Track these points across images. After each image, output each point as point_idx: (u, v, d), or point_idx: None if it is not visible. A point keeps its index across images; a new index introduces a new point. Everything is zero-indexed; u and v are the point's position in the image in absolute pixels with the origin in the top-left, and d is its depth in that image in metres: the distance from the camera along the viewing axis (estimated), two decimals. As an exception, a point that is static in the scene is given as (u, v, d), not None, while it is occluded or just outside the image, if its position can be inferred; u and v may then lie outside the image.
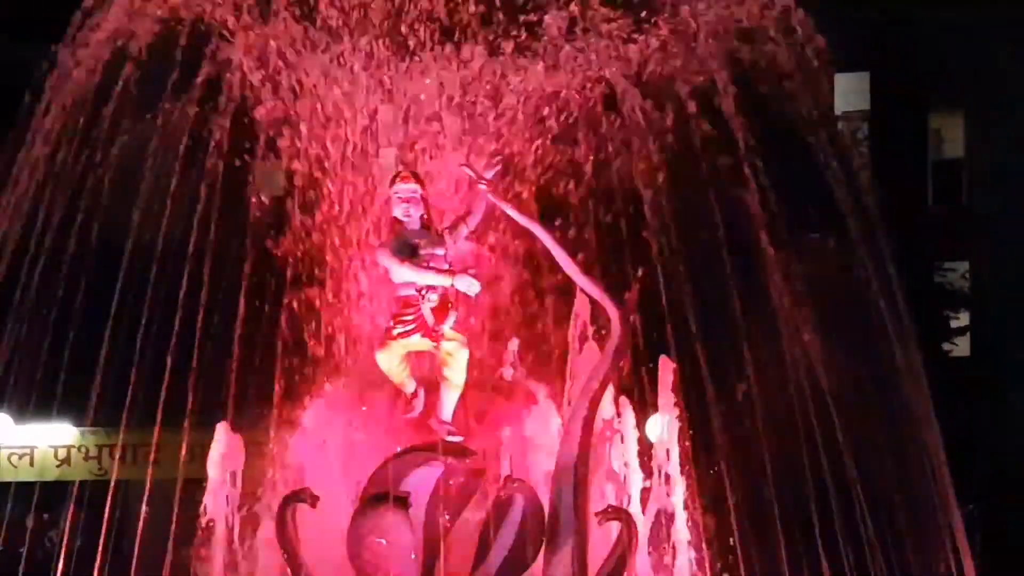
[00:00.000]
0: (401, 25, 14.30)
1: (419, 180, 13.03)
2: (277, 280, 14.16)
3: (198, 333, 14.12)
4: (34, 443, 27.80)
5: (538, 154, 14.41)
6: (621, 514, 12.65)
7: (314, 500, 12.36)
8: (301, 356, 13.86)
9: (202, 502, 12.87)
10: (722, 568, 13.83)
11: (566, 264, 13.10)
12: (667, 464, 13.34)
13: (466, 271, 12.60)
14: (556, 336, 13.77)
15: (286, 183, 14.70)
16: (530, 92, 14.35)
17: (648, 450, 13.45)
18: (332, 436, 13.12)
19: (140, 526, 14.06)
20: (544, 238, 13.19)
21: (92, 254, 14.94)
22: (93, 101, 14.45)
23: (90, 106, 14.46)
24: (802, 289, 14.58)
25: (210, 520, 12.77)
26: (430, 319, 12.51)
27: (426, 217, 12.95)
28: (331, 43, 14.32)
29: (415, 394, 12.84)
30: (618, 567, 12.41)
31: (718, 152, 14.42)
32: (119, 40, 14.28)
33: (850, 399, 14.68)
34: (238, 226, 14.64)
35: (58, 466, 27.98)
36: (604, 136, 14.42)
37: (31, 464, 28.02)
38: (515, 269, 14.08)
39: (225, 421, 13.11)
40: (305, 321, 14.00)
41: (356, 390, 13.36)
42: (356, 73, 14.27)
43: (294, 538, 12.36)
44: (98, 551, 14.26)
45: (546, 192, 14.35)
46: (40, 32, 14.76)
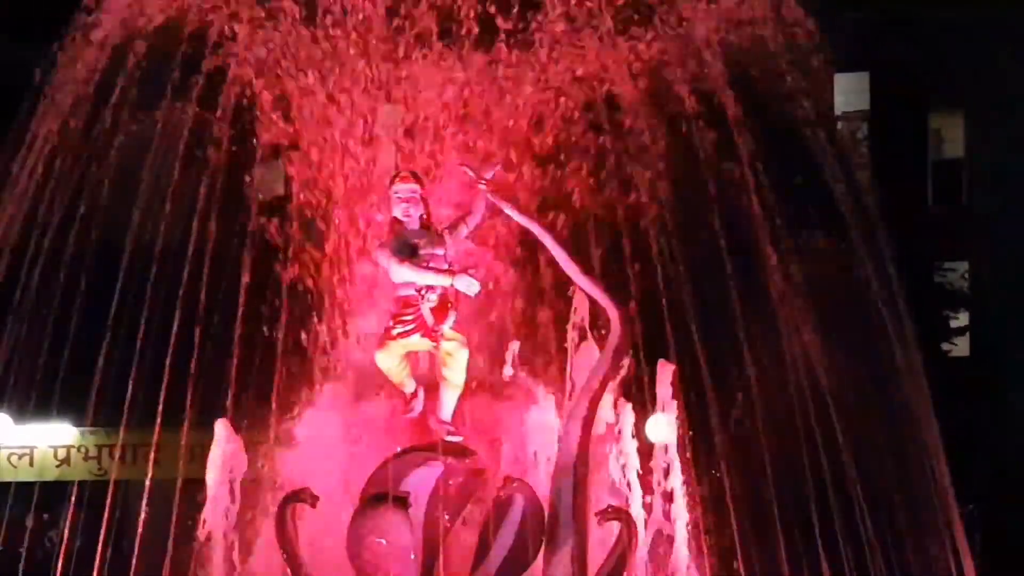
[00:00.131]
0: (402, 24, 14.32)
1: (419, 180, 13.05)
2: (277, 280, 14.16)
3: (198, 333, 14.12)
4: (34, 443, 27.76)
5: (537, 154, 14.41)
6: (621, 514, 12.66)
7: (314, 500, 12.36)
8: (300, 356, 13.86)
9: (201, 514, 12.85)
10: (722, 568, 13.83)
11: (565, 263, 13.11)
12: (667, 464, 13.35)
13: (466, 271, 12.60)
14: (556, 336, 13.77)
15: (286, 183, 14.71)
16: (529, 92, 14.35)
17: (648, 450, 13.45)
18: (331, 436, 13.13)
19: (140, 526, 14.06)
20: (544, 238, 13.20)
21: (92, 254, 14.94)
22: (93, 101, 14.45)
23: (90, 106, 14.47)
24: (802, 289, 14.57)
25: (209, 533, 12.75)
26: (430, 319, 12.52)
27: (426, 217, 12.96)
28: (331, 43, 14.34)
29: (415, 394, 12.84)
30: (618, 567, 12.42)
31: (718, 152, 14.41)
32: (119, 40, 14.28)
33: (850, 399, 14.68)
34: (238, 226, 14.64)
35: (58, 466, 27.94)
36: (603, 137, 14.41)
37: (31, 464, 27.98)
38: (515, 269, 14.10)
39: (225, 418, 13.10)
40: (305, 320, 14.00)
41: (354, 390, 13.37)
42: (356, 72, 14.29)
43: (294, 538, 12.36)
44: (98, 551, 14.25)
45: (545, 192, 14.34)
46: (40, 32, 14.76)
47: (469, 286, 12.55)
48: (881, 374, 15.14)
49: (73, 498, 16.56)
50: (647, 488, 13.31)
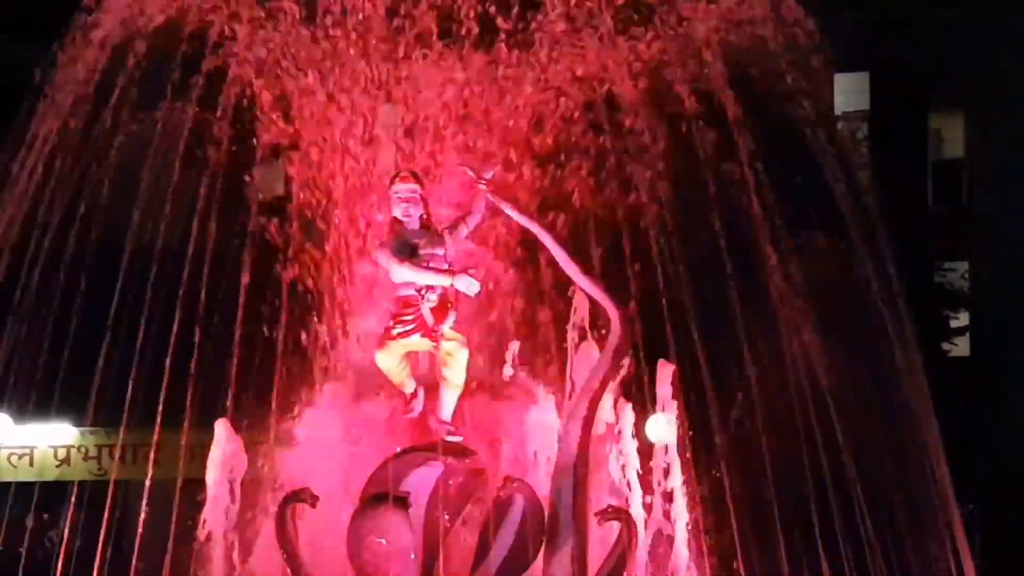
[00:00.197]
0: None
1: (418, 180, 13.04)
2: (277, 280, 14.16)
3: (198, 333, 14.12)
4: (34, 443, 27.76)
5: (537, 154, 14.41)
6: (621, 514, 12.66)
7: (314, 500, 12.36)
8: (300, 356, 13.86)
9: (201, 515, 12.84)
10: (722, 568, 13.83)
11: (565, 263, 13.10)
12: (667, 464, 13.35)
13: (466, 271, 12.60)
14: (556, 336, 13.77)
15: (286, 183, 14.71)
16: (528, 92, 14.35)
17: (648, 450, 13.45)
18: (331, 436, 13.12)
19: (140, 526, 14.06)
20: (543, 238, 13.20)
21: (92, 254, 14.94)
22: (93, 101, 14.45)
23: (90, 106, 14.47)
24: (802, 289, 14.57)
25: (209, 534, 12.74)
26: (429, 319, 12.51)
27: (426, 217, 12.96)
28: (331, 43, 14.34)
29: (415, 394, 12.84)
30: (618, 567, 12.42)
31: (718, 152, 14.41)
32: (119, 40, 14.27)
33: (850, 399, 14.67)
34: (238, 226, 14.64)
35: (58, 466, 27.93)
36: (603, 137, 14.41)
37: (31, 464, 27.97)
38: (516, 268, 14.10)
39: (224, 418, 13.10)
40: (305, 320, 13.99)
41: (354, 390, 13.37)
42: (356, 72, 14.30)
43: (294, 538, 12.35)
44: (98, 551, 14.25)
45: (545, 192, 14.34)
46: (40, 32, 14.75)
47: (469, 286, 12.54)
48: (881, 374, 15.14)
49: (73, 498, 16.56)
50: (647, 488, 13.31)
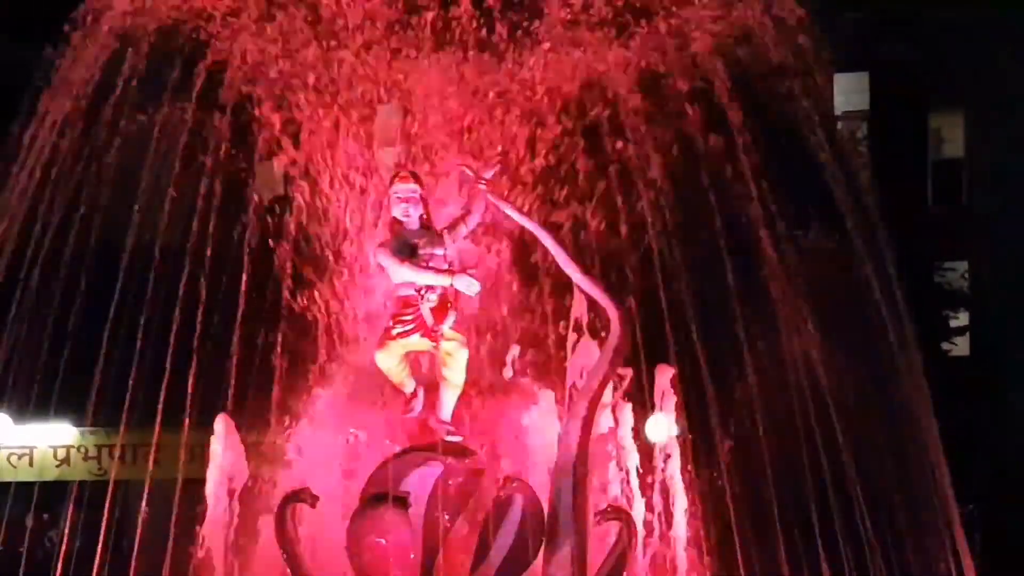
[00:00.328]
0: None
1: (418, 180, 13.04)
2: (277, 279, 14.16)
3: (198, 333, 14.12)
4: (34, 443, 27.77)
5: (537, 154, 14.41)
6: (621, 514, 12.66)
7: (314, 500, 12.36)
8: (301, 356, 13.86)
9: (200, 530, 12.83)
10: (722, 568, 13.83)
11: (565, 264, 13.10)
12: (667, 465, 13.36)
13: (465, 271, 12.60)
14: (556, 336, 13.77)
15: (285, 184, 14.72)
16: (528, 92, 14.36)
17: (648, 450, 13.45)
18: (331, 436, 13.12)
19: (140, 526, 14.06)
20: (543, 238, 13.19)
21: (92, 254, 14.94)
22: (92, 101, 14.45)
23: (90, 106, 14.47)
24: (802, 289, 14.57)
25: (208, 551, 12.73)
26: (429, 319, 12.51)
27: (425, 217, 12.95)
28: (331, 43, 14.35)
29: (414, 394, 12.84)
30: (618, 567, 12.42)
31: (718, 152, 14.41)
32: (119, 40, 14.28)
33: (850, 399, 14.68)
34: (238, 226, 14.64)
35: (58, 466, 27.94)
36: (603, 137, 14.41)
37: (31, 464, 27.99)
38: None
39: (225, 413, 13.11)
40: (304, 320, 14.00)
41: (354, 390, 13.36)
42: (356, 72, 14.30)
43: (294, 538, 12.35)
44: (98, 551, 14.26)
45: (545, 192, 14.34)
46: (40, 32, 14.76)
47: (469, 286, 12.55)
48: (881, 374, 15.14)
49: (73, 498, 16.57)
50: (647, 488, 13.31)
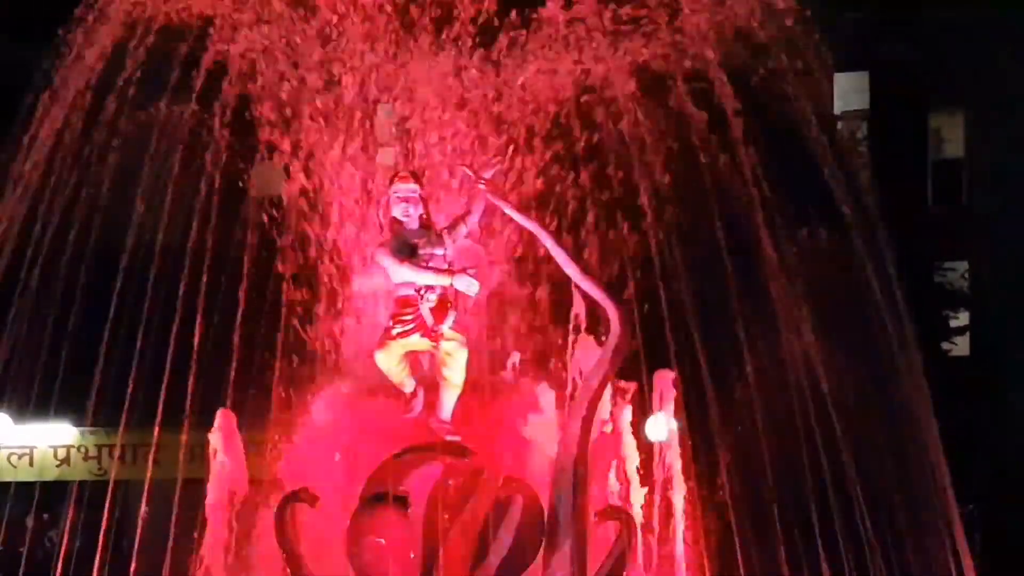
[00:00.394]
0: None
1: (418, 180, 13.03)
2: (277, 279, 14.16)
3: (198, 333, 14.12)
4: (34, 443, 27.81)
5: (536, 154, 14.41)
6: (621, 514, 12.65)
7: (313, 500, 12.36)
8: (301, 356, 13.86)
9: (200, 550, 12.85)
10: (722, 568, 13.83)
11: (565, 264, 13.08)
12: (667, 465, 13.35)
13: (465, 271, 12.59)
14: (556, 335, 13.77)
15: (286, 184, 14.72)
16: (528, 92, 14.36)
17: (648, 450, 13.45)
18: (331, 436, 13.12)
19: (140, 526, 14.06)
20: (543, 238, 13.17)
21: (92, 254, 14.95)
22: (92, 100, 14.46)
23: (90, 106, 14.47)
24: (802, 289, 14.57)
25: (207, 569, 12.72)
26: (429, 319, 12.51)
27: (425, 217, 12.94)
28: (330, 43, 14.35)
29: (414, 394, 12.83)
30: (618, 567, 12.42)
31: (718, 152, 14.41)
32: (119, 40, 14.28)
33: (850, 399, 14.68)
34: (238, 226, 14.64)
35: (58, 466, 27.98)
36: (602, 137, 14.41)
37: (31, 464, 28.02)
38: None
39: (225, 408, 13.12)
40: (305, 320, 13.99)
41: (354, 390, 13.36)
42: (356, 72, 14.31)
43: (294, 538, 12.35)
44: (98, 551, 14.26)
45: (545, 192, 14.34)
46: (40, 32, 14.76)
47: (469, 286, 12.54)
48: (881, 374, 15.14)
49: (73, 498, 16.58)
50: (647, 488, 13.31)
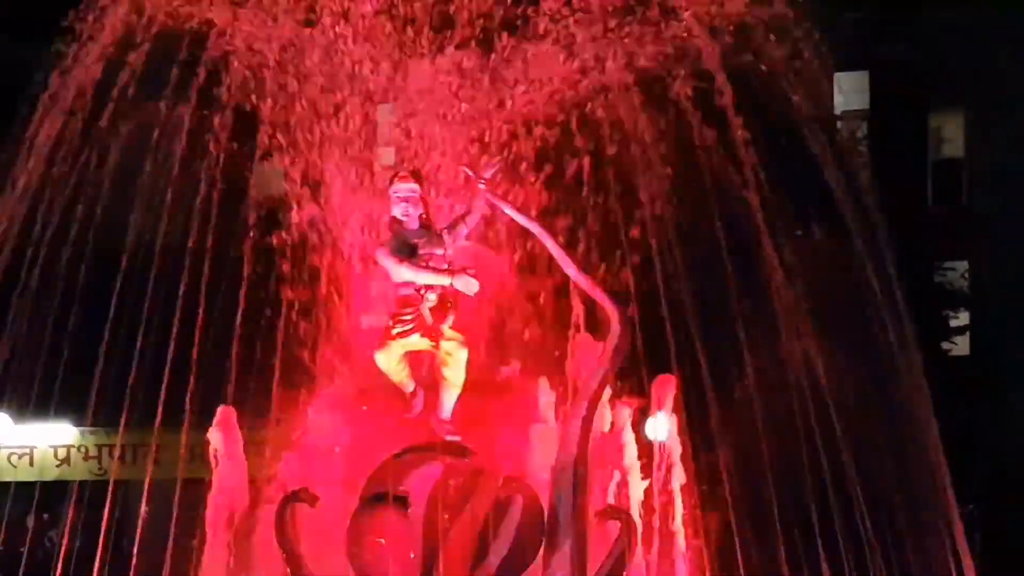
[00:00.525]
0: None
1: (418, 179, 13.03)
2: (277, 279, 14.16)
3: (198, 333, 14.12)
4: (34, 443, 27.84)
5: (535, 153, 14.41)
6: (621, 514, 12.65)
7: (313, 500, 12.36)
8: (300, 355, 13.86)
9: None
10: (722, 568, 13.83)
11: (565, 264, 13.09)
12: (667, 465, 13.35)
13: (465, 270, 12.60)
14: (556, 335, 13.77)
15: (286, 184, 14.72)
16: (528, 91, 14.35)
17: (648, 450, 13.44)
18: (332, 436, 13.12)
19: (140, 526, 14.07)
20: (543, 237, 13.17)
21: (92, 254, 14.95)
22: (92, 101, 14.46)
23: (89, 106, 14.47)
24: (802, 289, 14.57)
25: None
26: (429, 319, 12.51)
27: (425, 216, 12.95)
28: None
29: (415, 394, 12.84)
30: (617, 567, 12.42)
31: (717, 152, 14.41)
32: (118, 40, 14.28)
33: (850, 399, 14.68)
34: (238, 225, 14.64)
35: (58, 466, 28.01)
36: (602, 136, 14.40)
37: (31, 464, 28.05)
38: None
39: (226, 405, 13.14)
40: (305, 320, 13.99)
41: (354, 390, 13.36)
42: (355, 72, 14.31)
43: (294, 538, 12.36)
44: (98, 551, 14.26)
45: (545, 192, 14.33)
46: (40, 32, 14.76)
47: (468, 285, 12.54)
48: (881, 374, 15.14)
49: (73, 498, 16.59)
50: (647, 488, 13.31)
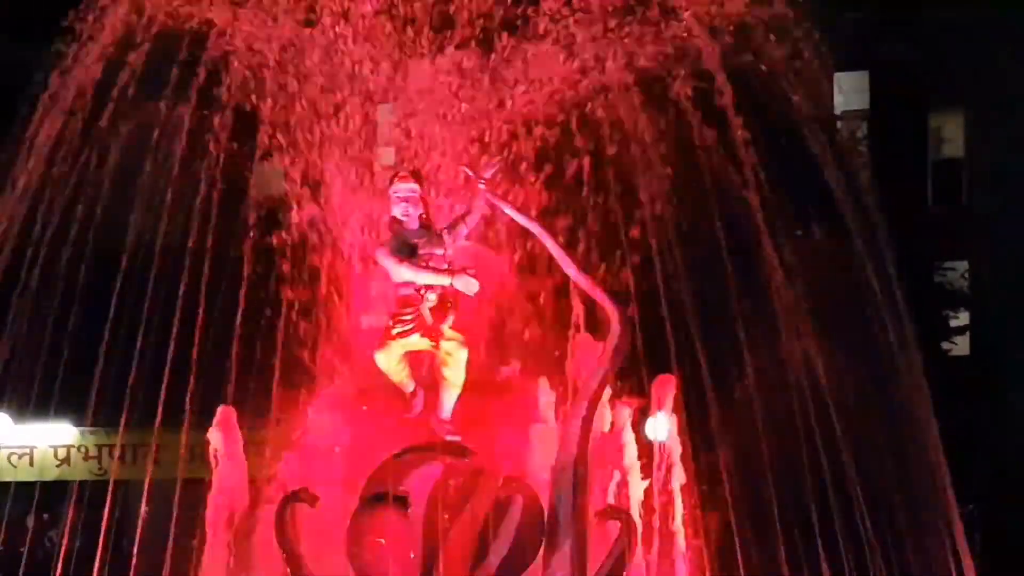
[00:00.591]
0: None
1: (418, 179, 13.04)
2: (277, 279, 14.16)
3: (197, 333, 14.12)
4: (34, 443, 27.84)
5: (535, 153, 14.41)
6: (620, 514, 12.65)
7: (313, 500, 12.36)
8: (300, 355, 13.86)
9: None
10: (722, 568, 13.83)
11: (565, 264, 13.09)
12: (667, 465, 13.35)
13: (465, 270, 12.60)
14: (556, 335, 13.77)
15: (286, 184, 14.72)
16: (527, 91, 14.36)
17: (648, 450, 13.44)
18: (332, 436, 13.12)
19: (140, 526, 14.07)
20: (543, 237, 13.17)
21: (92, 254, 14.95)
22: (92, 101, 14.46)
23: (89, 106, 14.47)
24: (802, 289, 14.57)
25: None
26: (429, 318, 12.52)
27: (425, 216, 12.95)
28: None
29: (415, 394, 12.84)
30: (617, 567, 12.42)
31: (717, 152, 14.41)
32: (118, 40, 14.28)
33: (850, 399, 14.68)
34: (238, 225, 14.64)
35: (58, 466, 28.01)
36: (602, 137, 14.40)
37: (31, 464, 28.05)
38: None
39: (226, 405, 13.14)
40: (305, 320, 14.00)
41: (354, 390, 13.36)
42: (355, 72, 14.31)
43: (294, 538, 12.36)
44: (98, 551, 14.26)
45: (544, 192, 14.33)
46: (40, 32, 14.76)
47: (468, 285, 12.54)
48: (881, 374, 15.14)
49: (73, 498, 16.59)
50: (647, 488, 13.31)
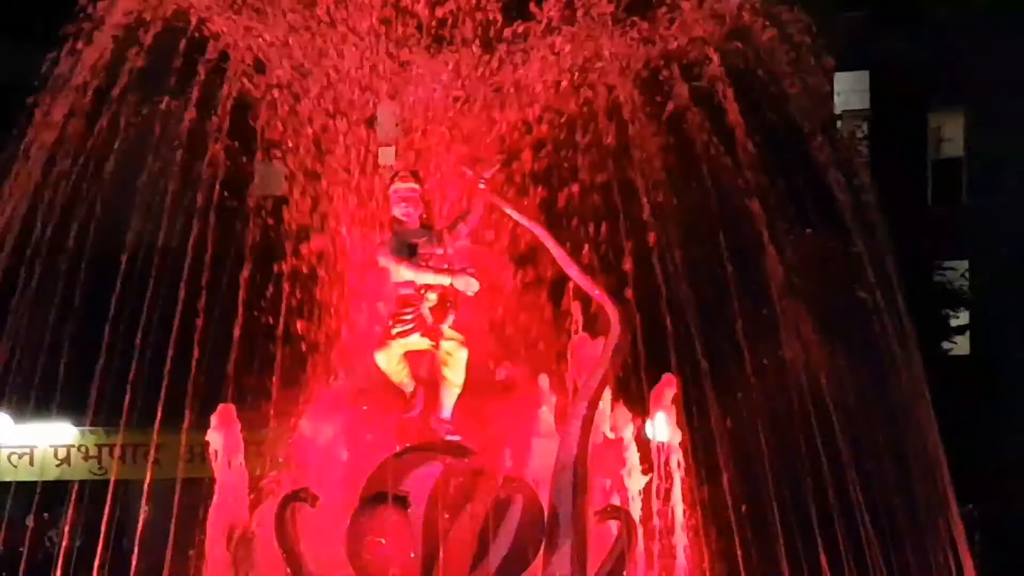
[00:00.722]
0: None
1: (418, 179, 13.05)
2: (277, 279, 14.16)
3: (198, 333, 14.12)
4: (34, 443, 27.82)
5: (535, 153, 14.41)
6: (620, 513, 12.65)
7: (313, 500, 12.37)
8: (301, 355, 13.86)
9: None
10: (722, 569, 13.82)
11: (565, 263, 13.10)
12: (667, 465, 13.35)
13: (465, 270, 12.60)
14: (556, 335, 13.77)
15: (286, 183, 14.72)
16: (527, 91, 14.36)
17: (648, 451, 13.44)
18: (332, 436, 13.12)
19: (140, 526, 14.07)
20: (543, 237, 13.18)
21: (92, 254, 14.95)
22: (92, 101, 14.46)
23: (89, 105, 14.47)
24: (802, 289, 14.57)
25: None
26: (429, 318, 12.53)
27: (425, 216, 12.96)
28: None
29: (415, 394, 12.84)
30: (617, 566, 12.42)
31: (717, 152, 14.41)
32: (118, 40, 14.28)
33: (850, 399, 14.67)
34: (239, 225, 14.65)
35: (58, 466, 27.98)
36: (602, 136, 14.40)
37: (31, 464, 28.03)
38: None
39: (225, 404, 13.13)
40: (304, 320, 14.00)
41: (355, 390, 13.36)
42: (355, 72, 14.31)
43: (294, 538, 12.36)
44: (98, 551, 14.26)
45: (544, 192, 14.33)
46: (40, 32, 14.76)
47: (468, 285, 12.55)
48: (881, 374, 15.14)
49: (73, 498, 16.58)
50: (646, 489, 13.30)
